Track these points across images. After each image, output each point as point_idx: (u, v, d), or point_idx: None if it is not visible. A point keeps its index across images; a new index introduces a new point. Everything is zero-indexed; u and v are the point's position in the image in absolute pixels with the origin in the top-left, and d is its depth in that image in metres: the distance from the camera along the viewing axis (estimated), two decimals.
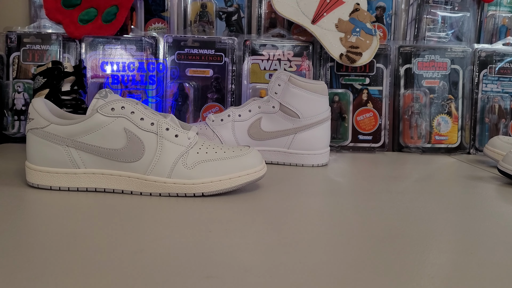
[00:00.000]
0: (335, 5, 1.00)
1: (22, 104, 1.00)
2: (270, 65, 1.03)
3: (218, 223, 0.52)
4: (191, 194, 0.61)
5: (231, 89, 1.03)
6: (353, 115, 1.04)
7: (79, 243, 0.45)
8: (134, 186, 0.61)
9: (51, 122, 0.61)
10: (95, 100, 0.60)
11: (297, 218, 0.55)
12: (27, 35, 1.01)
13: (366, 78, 1.05)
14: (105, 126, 0.60)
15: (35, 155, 0.62)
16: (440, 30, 1.11)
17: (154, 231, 0.49)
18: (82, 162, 0.61)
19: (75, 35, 1.00)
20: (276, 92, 0.85)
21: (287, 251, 0.44)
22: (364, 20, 1.00)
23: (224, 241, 0.46)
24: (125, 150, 0.60)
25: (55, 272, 0.38)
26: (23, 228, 0.49)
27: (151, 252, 0.43)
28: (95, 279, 0.37)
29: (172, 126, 0.61)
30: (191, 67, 1.02)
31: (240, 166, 0.62)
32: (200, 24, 1.07)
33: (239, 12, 1.09)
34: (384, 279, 0.38)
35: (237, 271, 0.39)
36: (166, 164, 0.60)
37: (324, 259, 0.42)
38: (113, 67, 0.99)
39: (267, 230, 0.51)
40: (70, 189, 0.62)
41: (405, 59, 1.07)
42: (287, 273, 0.39)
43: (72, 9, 1.00)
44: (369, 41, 0.99)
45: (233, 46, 1.02)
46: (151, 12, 1.08)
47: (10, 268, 0.39)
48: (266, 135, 0.86)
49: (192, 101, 1.02)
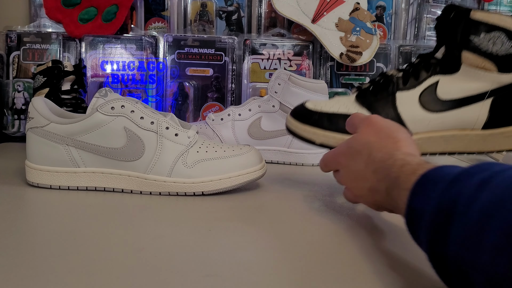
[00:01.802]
0: (335, 4, 1.00)
1: (22, 103, 1.00)
2: (270, 64, 1.03)
3: (218, 222, 0.52)
4: (191, 193, 0.61)
5: (231, 88, 1.03)
6: None
7: (79, 242, 0.45)
8: (134, 185, 0.61)
9: (51, 121, 0.61)
10: (95, 99, 0.60)
11: (297, 217, 0.55)
12: (27, 34, 1.01)
13: (366, 78, 1.05)
14: (105, 125, 0.60)
15: (35, 154, 0.62)
16: None
17: (154, 230, 0.49)
18: (82, 161, 0.61)
19: (75, 34, 1.00)
20: (276, 91, 0.85)
21: (286, 250, 0.44)
22: (364, 19, 1.00)
23: (224, 239, 0.46)
24: (125, 149, 0.60)
25: (55, 271, 0.38)
26: (23, 227, 0.49)
27: (151, 251, 0.43)
28: (95, 277, 0.37)
29: (172, 125, 0.61)
30: (191, 66, 1.02)
31: (240, 165, 0.62)
32: (200, 23, 1.07)
33: (239, 11, 1.09)
34: (384, 279, 0.38)
35: (237, 269, 0.39)
36: (166, 163, 0.60)
37: (324, 258, 0.42)
38: (113, 66, 0.99)
39: (266, 229, 0.51)
40: (70, 188, 0.62)
41: (405, 58, 1.07)
42: (287, 271, 0.39)
43: (72, 8, 1.00)
44: (369, 40, 0.99)
45: (233, 45, 1.02)
46: (151, 12, 1.08)
47: (10, 267, 0.39)
48: (266, 134, 0.86)
49: (192, 100, 1.02)
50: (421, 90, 0.59)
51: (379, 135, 0.47)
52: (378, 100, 0.60)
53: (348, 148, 0.50)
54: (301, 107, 0.63)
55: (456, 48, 0.57)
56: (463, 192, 0.31)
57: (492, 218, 0.28)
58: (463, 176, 0.33)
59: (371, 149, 0.46)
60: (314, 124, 0.60)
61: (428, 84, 0.59)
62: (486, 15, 0.56)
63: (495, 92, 0.57)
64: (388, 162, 0.43)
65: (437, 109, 0.58)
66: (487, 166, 0.33)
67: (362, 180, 0.47)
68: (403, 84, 0.59)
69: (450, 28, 0.58)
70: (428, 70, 0.59)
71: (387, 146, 0.45)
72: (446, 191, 0.33)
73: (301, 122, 0.61)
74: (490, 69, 0.56)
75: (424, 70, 0.59)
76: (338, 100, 0.63)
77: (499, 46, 0.55)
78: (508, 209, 0.28)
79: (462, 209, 0.31)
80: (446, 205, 0.32)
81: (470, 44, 0.56)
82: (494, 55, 0.56)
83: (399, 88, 0.59)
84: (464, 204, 0.31)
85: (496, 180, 0.31)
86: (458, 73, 0.58)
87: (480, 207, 0.29)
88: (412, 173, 0.38)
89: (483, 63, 0.56)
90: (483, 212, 0.29)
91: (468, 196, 0.31)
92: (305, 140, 0.61)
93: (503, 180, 0.30)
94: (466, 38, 0.56)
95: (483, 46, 0.56)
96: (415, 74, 0.59)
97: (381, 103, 0.60)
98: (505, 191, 0.29)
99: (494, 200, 0.29)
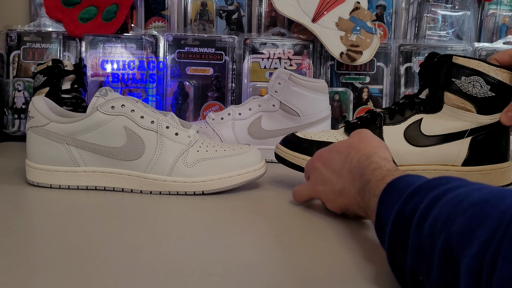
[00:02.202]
0: (336, 4, 1.00)
1: (22, 103, 1.00)
2: (271, 63, 1.03)
3: (218, 221, 0.52)
4: (191, 192, 0.61)
5: (231, 87, 1.03)
6: (353, 114, 1.04)
7: (79, 241, 0.45)
8: (134, 184, 0.61)
9: (51, 121, 0.61)
10: (95, 98, 0.60)
11: (297, 216, 0.55)
12: (27, 33, 1.01)
13: (367, 77, 1.04)
14: (105, 124, 0.59)
15: (35, 153, 0.62)
16: (441, 28, 1.11)
17: (154, 229, 0.49)
18: (82, 160, 0.61)
19: (75, 34, 1.00)
20: (276, 90, 0.85)
21: (286, 249, 0.44)
22: (365, 18, 1.00)
23: (224, 239, 0.46)
24: (125, 148, 0.60)
25: (56, 270, 0.38)
26: (23, 226, 0.49)
27: (151, 250, 0.43)
28: (95, 277, 0.37)
29: (172, 124, 0.61)
30: (191, 65, 1.02)
31: (240, 164, 0.62)
32: (200, 22, 1.07)
33: (240, 10, 1.09)
34: (384, 279, 0.38)
35: (237, 269, 0.39)
36: (166, 162, 0.60)
37: (324, 257, 0.42)
38: (113, 66, 0.99)
39: (267, 228, 0.51)
40: (70, 187, 0.62)
41: (406, 57, 1.07)
42: (287, 271, 0.39)
43: (72, 8, 1.00)
44: (369, 39, 0.99)
45: (233, 44, 1.02)
46: (151, 11, 1.08)
47: (10, 266, 0.39)
48: (266, 133, 0.86)
49: (192, 100, 1.02)
50: (406, 125, 0.64)
51: (362, 139, 0.50)
52: None
53: (330, 150, 0.53)
54: (292, 136, 0.67)
55: (439, 89, 0.62)
56: (419, 206, 0.33)
57: (439, 234, 0.30)
58: (421, 189, 0.34)
59: (350, 149, 0.49)
60: (303, 151, 0.65)
61: (412, 121, 0.63)
62: (466, 60, 0.61)
63: (474, 131, 0.62)
64: (364, 163, 0.45)
65: (420, 144, 0.63)
66: (445, 180, 0.34)
67: (332, 183, 0.50)
68: (390, 119, 0.64)
69: (434, 71, 0.63)
70: (413, 108, 0.64)
71: (366, 149, 0.48)
72: (405, 203, 0.34)
73: (291, 149, 0.65)
74: (470, 109, 0.61)
75: (409, 108, 0.64)
76: (327, 132, 0.69)
77: (478, 89, 0.60)
78: (450, 227, 0.29)
79: (417, 222, 0.32)
80: (405, 217, 0.33)
81: (452, 86, 0.61)
82: (474, 96, 0.61)
83: (386, 122, 0.64)
84: (418, 218, 0.32)
85: (447, 197, 0.32)
86: (440, 112, 0.63)
87: (430, 223, 0.31)
88: (381, 179, 0.40)
89: (463, 103, 0.61)
90: (431, 228, 0.30)
91: (422, 210, 0.32)
92: (294, 166, 0.65)
93: (453, 198, 0.31)
94: (449, 80, 0.61)
95: (464, 88, 0.60)
96: (401, 111, 0.64)
97: None
98: (451, 209, 0.30)
99: (441, 217, 0.30)
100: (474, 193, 0.30)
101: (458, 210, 0.29)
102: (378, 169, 0.42)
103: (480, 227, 0.27)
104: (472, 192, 0.30)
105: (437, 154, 0.63)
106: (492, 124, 0.62)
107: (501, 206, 0.27)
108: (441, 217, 0.30)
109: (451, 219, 0.29)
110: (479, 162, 0.63)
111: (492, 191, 0.30)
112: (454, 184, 0.33)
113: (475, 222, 0.28)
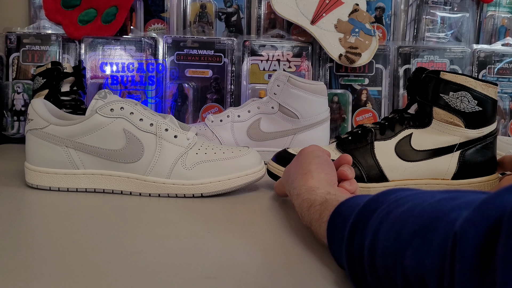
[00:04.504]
0: (334, 6, 1.00)
1: (22, 105, 1.00)
2: (270, 65, 1.03)
3: (217, 224, 0.52)
4: (190, 194, 0.61)
5: (230, 89, 1.03)
6: (352, 116, 1.04)
7: (78, 243, 0.45)
8: (133, 186, 0.61)
9: (50, 123, 0.61)
10: (94, 100, 0.60)
11: (296, 219, 0.55)
12: (26, 35, 1.01)
13: (365, 79, 1.05)
14: (104, 127, 0.60)
15: (34, 155, 0.62)
16: (439, 30, 1.11)
17: (153, 232, 0.49)
18: (81, 163, 0.61)
19: (74, 36, 1.00)
20: (275, 92, 0.85)
21: (286, 252, 0.44)
22: (363, 20, 1.00)
23: (223, 241, 0.46)
24: (124, 150, 0.60)
25: (54, 273, 0.38)
26: (22, 228, 0.49)
27: (150, 253, 0.43)
28: (94, 279, 0.37)
29: (171, 127, 0.61)
30: (190, 67, 1.02)
31: (239, 166, 0.62)
32: (199, 24, 1.07)
33: (239, 12, 1.09)
34: None
35: (236, 271, 0.39)
36: (165, 164, 0.60)
37: (323, 260, 0.42)
38: (113, 68, 1.00)
39: (266, 231, 0.51)
40: (69, 190, 0.62)
41: (404, 59, 1.07)
42: (285, 273, 0.39)
43: (71, 10, 1.00)
44: (368, 41, 0.99)
45: (232, 46, 1.02)
46: (151, 13, 1.08)
47: (9, 268, 0.39)
48: (265, 135, 0.86)
49: (191, 102, 1.02)
50: (397, 140, 0.64)
51: (298, 165, 0.53)
52: (357, 148, 0.65)
53: (286, 170, 0.57)
54: (284, 152, 0.68)
55: (428, 104, 0.64)
56: (364, 244, 0.33)
57: (395, 272, 0.30)
58: (358, 224, 0.35)
59: (289, 179, 0.53)
60: None
61: (403, 136, 0.64)
62: (453, 76, 0.62)
63: (463, 145, 0.63)
64: (298, 201, 0.47)
65: (411, 159, 0.64)
66: (374, 205, 0.35)
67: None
68: (381, 134, 0.65)
69: (422, 87, 0.64)
70: (403, 123, 0.65)
71: (295, 181, 0.50)
72: (350, 244, 0.35)
73: (283, 165, 0.65)
74: (458, 124, 0.62)
75: (399, 123, 0.65)
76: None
77: (465, 103, 0.61)
78: (402, 262, 0.29)
79: (369, 261, 0.33)
80: (356, 258, 0.34)
81: (440, 101, 0.63)
82: (462, 111, 0.62)
83: (377, 138, 0.65)
84: (368, 256, 0.33)
85: (385, 227, 0.32)
86: (429, 127, 0.64)
87: (382, 260, 0.31)
88: (319, 219, 0.42)
89: (452, 118, 0.62)
90: (385, 266, 0.31)
91: (369, 248, 0.33)
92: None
93: (391, 227, 0.32)
94: (437, 96, 0.62)
95: (452, 103, 0.62)
96: (391, 126, 0.65)
97: (360, 151, 0.65)
98: (395, 242, 0.31)
99: (389, 251, 0.31)
100: (409, 220, 0.30)
101: (403, 241, 0.30)
102: (311, 207, 0.44)
103: (427, 256, 0.28)
104: (406, 218, 0.31)
105: (428, 168, 0.64)
106: (480, 138, 0.63)
107: (439, 231, 0.28)
108: (389, 251, 0.31)
109: (399, 253, 0.30)
110: (468, 175, 0.65)
111: (424, 211, 0.30)
112: (384, 208, 0.34)
113: (422, 251, 0.28)
